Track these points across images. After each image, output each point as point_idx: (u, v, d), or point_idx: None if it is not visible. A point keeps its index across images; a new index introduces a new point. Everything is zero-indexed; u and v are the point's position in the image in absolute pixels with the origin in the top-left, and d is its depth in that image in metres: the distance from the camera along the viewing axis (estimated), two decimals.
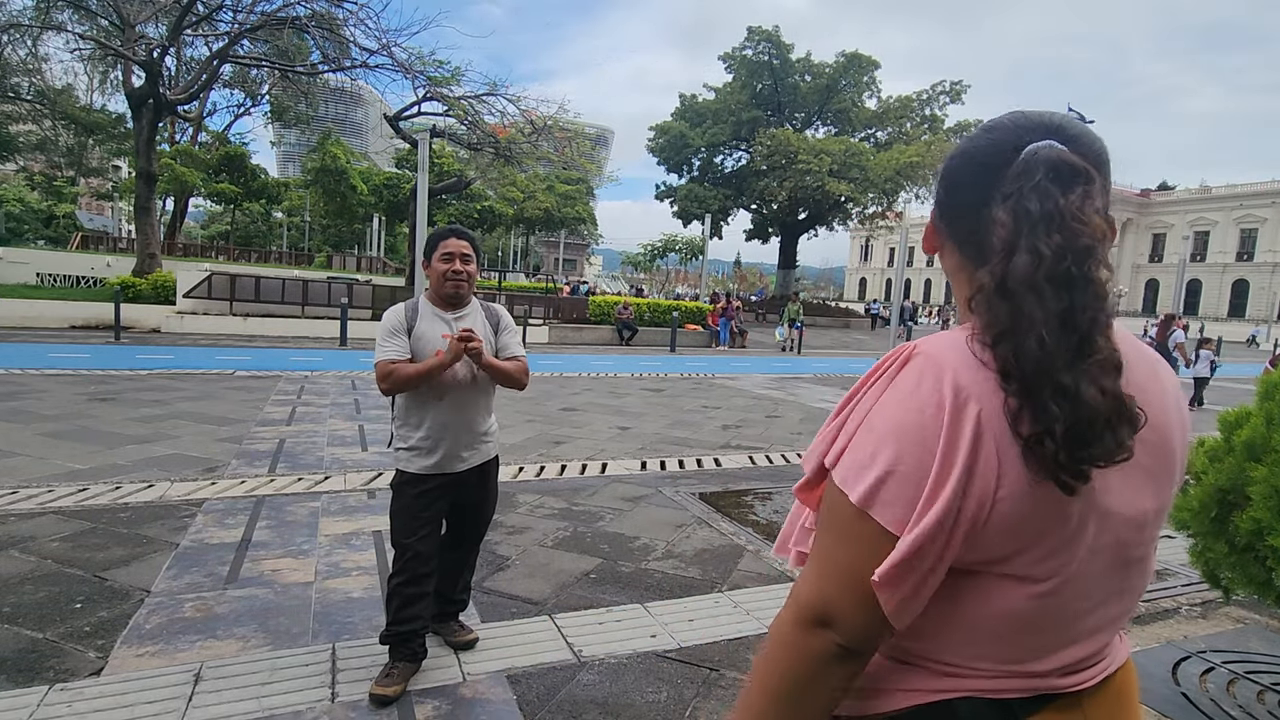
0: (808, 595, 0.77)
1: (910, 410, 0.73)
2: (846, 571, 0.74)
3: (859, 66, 37.82)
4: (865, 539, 0.73)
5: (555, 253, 74.62)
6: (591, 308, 21.46)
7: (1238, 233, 61.98)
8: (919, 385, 0.73)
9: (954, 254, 0.87)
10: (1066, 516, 0.74)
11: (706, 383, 12.62)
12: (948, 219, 0.87)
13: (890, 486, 0.72)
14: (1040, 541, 0.74)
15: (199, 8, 17.69)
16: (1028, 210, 0.73)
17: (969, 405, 0.71)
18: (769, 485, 5.78)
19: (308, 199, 48.39)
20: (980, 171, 0.80)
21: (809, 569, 0.79)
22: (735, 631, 3.18)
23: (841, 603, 0.74)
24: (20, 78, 26.36)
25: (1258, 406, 2.59)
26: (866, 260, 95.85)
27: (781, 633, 0.78)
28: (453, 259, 2.70)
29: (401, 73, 18.88)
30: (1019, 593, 0.75)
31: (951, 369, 0.73)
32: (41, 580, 3.35)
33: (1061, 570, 0.75)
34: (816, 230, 41.13)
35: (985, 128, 0.83)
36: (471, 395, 2.72)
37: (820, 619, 0.75)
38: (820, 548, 0.78)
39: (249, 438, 6.47)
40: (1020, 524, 0.73)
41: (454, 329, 2.66)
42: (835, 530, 0.76)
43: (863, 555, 0.73)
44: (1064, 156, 0.75)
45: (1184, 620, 3.58)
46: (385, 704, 2.50)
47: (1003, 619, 0.76)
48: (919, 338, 0.80)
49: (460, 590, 2.97)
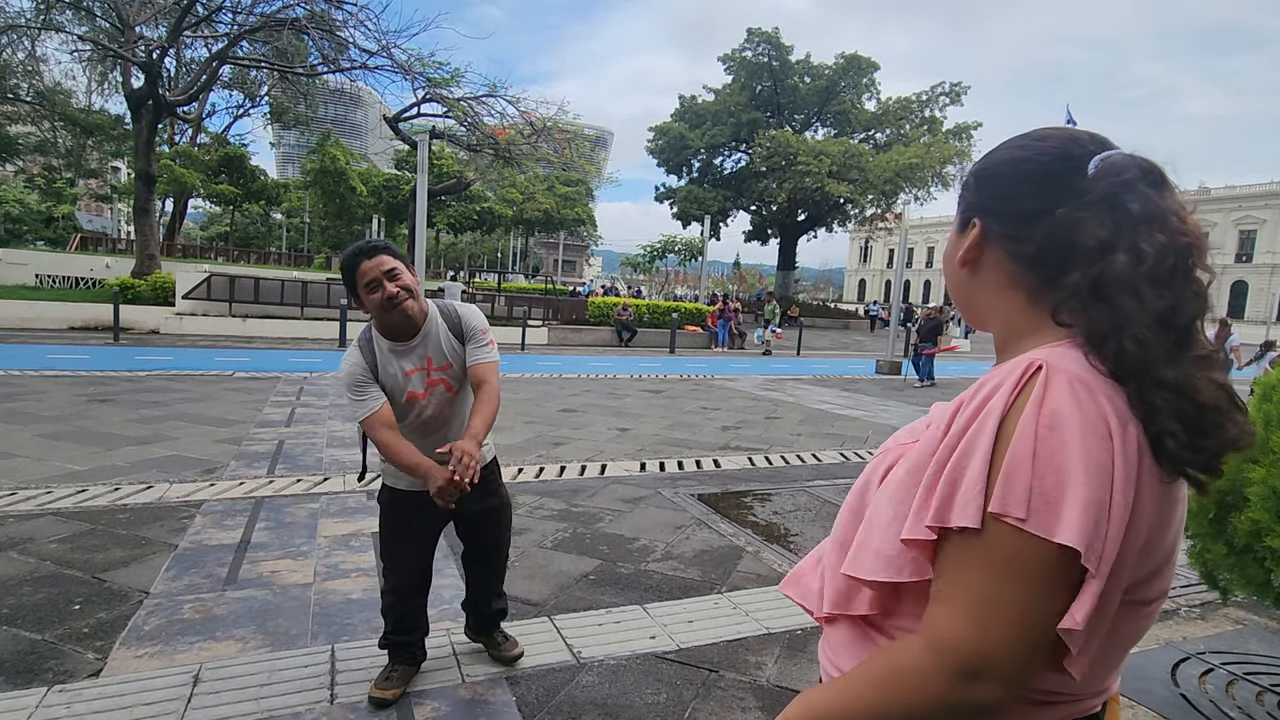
0: (962, 642, 0.69)
1: (1080, 434, 0.67)
2: (1020, 616, 0.68)
3: (858, 68, 37.88)
4: (1048, 579, 0.68)
5: (554, 254, 74.61)
6: (591, 309, 21.47)
7: (1236, 234, 62.04)
8: (1079, 406, 0.68)
9: (1004, 265, 0.83)
10: (1179, 535, 0.76)
11: (706, 384, 12.62)
12: (1006, 226, 0.83)
13: (1084, 521, 0.66)
14: (1165, 562, 0.75)
15: (198, 9, 17.71)
16: (1129, 211, 0.73)
17: (1129, 425, 0.68)
18: (768, 486, 5.78)
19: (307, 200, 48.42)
20: (1046, 178, 0.79)
21: (951, 610, 0.71)
22: (734, 633, 3.18)
23: (1007, 653, 0.68)
24: (20, 79, 26.34)
25: (1255, 408, 2.59)
26: (866, 262, 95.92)
27: (919, 681, 0.71)
28: (379, 285, 2.26)
29: (401, 74, 18.93)
30: (1138, 616, 0.77)
31: (1100, 388, 0.69)
32: (40, 582, 3.35)
33: (1166, 588, 0.78)
34: (816, 232, 41.20)
35: (1036, 137, 0.83)
36: (451, 416, 2.53)
37: (976, 671, 0.68)
38: (971, 587, 0.70)
39: (248, 439, 6.47)
40: (1162, 549, 0.74)
41: (421, 360, 2.37)
42: (1004, 571, 0.68)
43: (1040, 596, 0.68)
44: (1152, 163, 0.76)
45: (1183, 621, 3.58)
46: (384, 706, 2.49)
47: (1123, 643, 0.78)
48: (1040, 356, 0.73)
49: (495, 600, 2.84)
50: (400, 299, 2.28)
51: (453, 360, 2.44)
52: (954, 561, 0.72)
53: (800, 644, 3.12)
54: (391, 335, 2.37)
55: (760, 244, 43.01)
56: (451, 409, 2.50)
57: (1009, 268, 0.83)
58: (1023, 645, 0.68)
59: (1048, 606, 0.68)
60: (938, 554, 0.74)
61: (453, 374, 2.45)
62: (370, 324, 2.42)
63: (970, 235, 0.86)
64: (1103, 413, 0.68)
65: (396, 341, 2.37)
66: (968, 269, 0.88)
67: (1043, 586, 0.68)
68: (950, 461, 0.73)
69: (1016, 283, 0.83)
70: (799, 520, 4.93)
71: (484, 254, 78.65)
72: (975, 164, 0.90)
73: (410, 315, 2.33)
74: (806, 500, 5.42)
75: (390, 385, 2.36)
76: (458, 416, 2.54)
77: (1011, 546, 0.68)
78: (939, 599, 0.73)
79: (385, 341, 2.37)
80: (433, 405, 2.43)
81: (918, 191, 35.00)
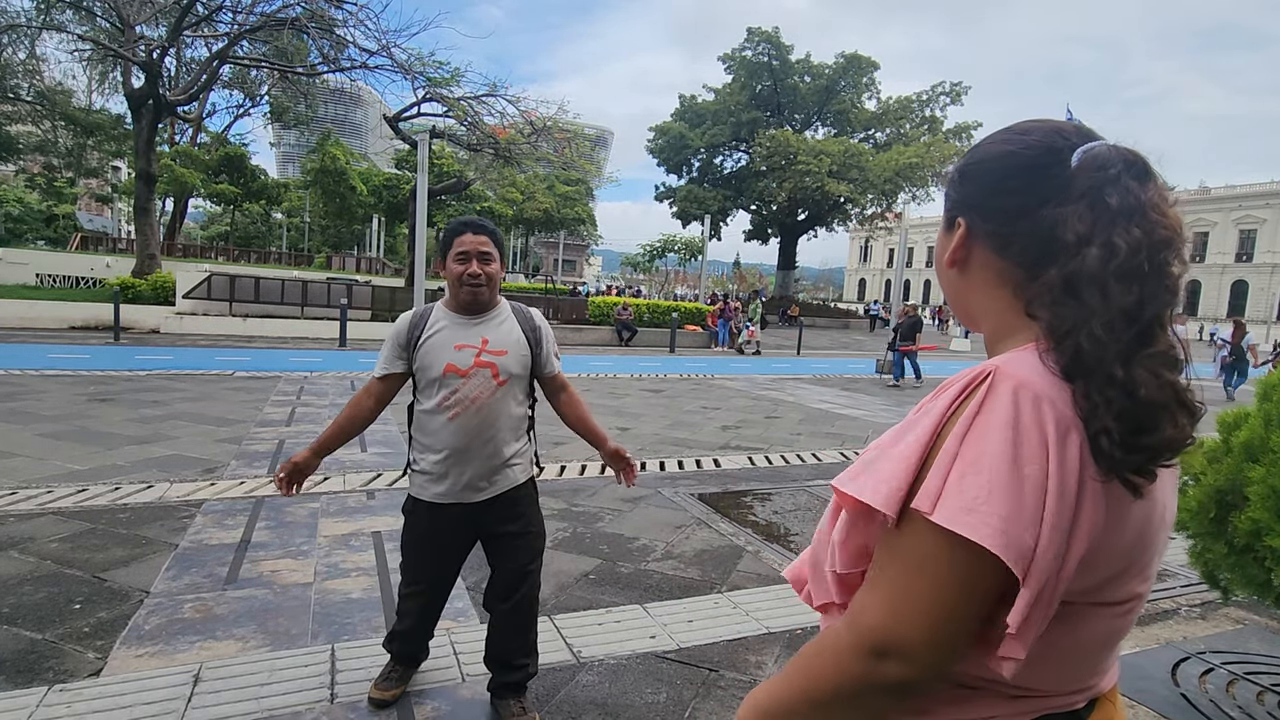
0: (874, 625, 0.72)
1: (1012, 444, 0.68)
2: (926, 607, 0.70)
3: (858, 68, 37.90)
4: (959, 579, 0.69)
5: (555, 253, 74.62)
6: (591, 308, 21.47)
7: (1237, 234, 62.01)
8: (1017, 416, 0.69)
9: (992, 262, 0.83)
10: (1144, 539, 0.75)
11: (706, 383, 12.62)
12: (991, 223, 0.82)
13: (1004, 528, 0.67)
14: (1129, 568, 0.76)
15: (199, 9, 17.72)
16: (1107, 204, 0.72)
17: (1071, 434, 0.68)
18: (768, 486, 5.78)
19: (307, 200, 48.42)
20: (1030, 172, 0.79)
21: (875, 598, 0.74)
22: (734, 632, 3.18)
23: (914, 639, 0.71)
24: (20, 79, 26.35)
25: (1256, 407, 2.59)
26: (866, 261, 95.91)
27: (838, 651, 0.75)
28: (468, 259, 2.31)
29: (401, 73, 18.93)
30: (1104, 617, 0.77)
31: (1046, 395, 0.69)
32: (41, 581, 3.35)
33: (1138, 592, 0.78)
34: (816, 231, 41.21)
35: (1019, 130, 0.82)
36: (492, 415, 2.33)
37: (882, 650, 0.72)
38: (891, 579, 0.73)
39: (248, 438, 6.47)
40: (1118, 552, 0.73)
41: (477, 339, 2.35)
42: (916, 565, 0.71)
43: (945, 592, 0.70)
44: (1136, 154, 0.75)
45: (1183, 621, 3.58)
46: (383, 707, 2.49)
47: (1087, 644, 0.78)
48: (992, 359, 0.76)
49: (520, 653, 2.48)
50: (477, 281, 2.32)
51: (510, 350, 2.37)
52: (882, 550, 0.76)
53: (800, 643, 3.12)
54: (457, 308, 2.39)
55: (760, 243, 43.03)
56: (493, 400, 2.33)
57: (997, 265, 0.82)
58: (933, 634, 0.70)
59: (962, 603, 0.70)
60: (877, 543, 0.78)
61: (505, 363, 2.35)
62: (441, 300, 2.48)
63: (956, 234, 0.85)
64: (1042, 424, 0.68)
65: (459, 315, 2.38)
66: (956, 268, 0.87)
67: (955, 584, 0.69)
68: (887, 449, 0.77)
69: (1005, 280, 0.82)
70: (799, 520, 4.93)
71: None
72: (959, 160, 0.89)
73: (479, 299, 2.36)
74: (806, 500, 5.42)
75: (431, 353, 2.34)
76: (502, 414, 2.36)
77: (926, 542, 0.70)
78: (866, 584, 0.77)
79: (450, 314, 2.39)
80: (473, 386, 2.31)
81: (917, 191, 35.00)
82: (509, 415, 2.38)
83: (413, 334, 2.37)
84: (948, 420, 0.73)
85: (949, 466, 0.70)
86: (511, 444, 2.40)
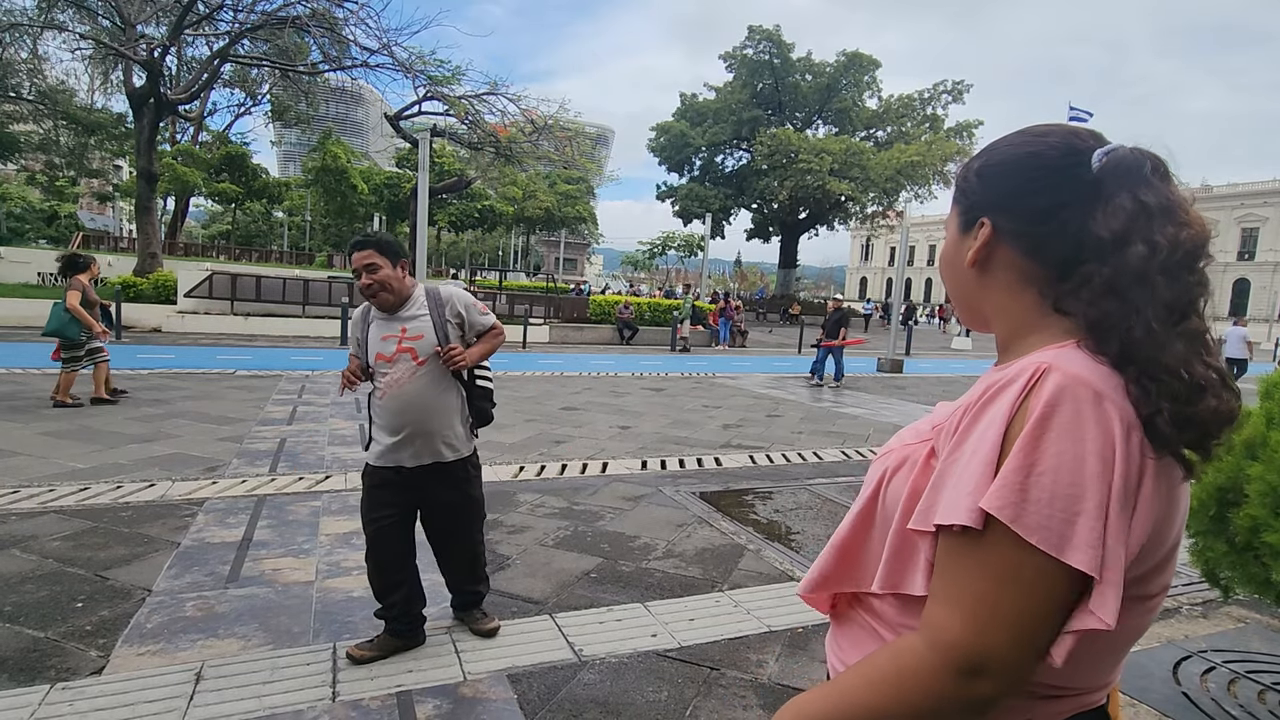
0: (961, 641, 0.71)
1: (1083, 447, 0.68)
2: (1017, 621, 0.70)
3: (860, 66, 37.84)
4: (1045, 587, 0.69)
5: (555, 252, 74.59)
6: (592, 307, 21.47)
7: (1239, 232, 61.86)
8: (1082, 418, 0.69)
9: (1017, 262, 0.83)
10: (1179, 530, 0.78)
11: (707, 382, 12.62)
12: (1018, 223, 0.83)
13: (1080, 530, 0.68)
14: (1166, 558, 0.78)
15: (199, 7, 17.70)
16: (1144, 204, 0.75)
17: (1133, 432, 0.70)
18: (770, 485, 5.78)
19: (308, 198, 48.42)
20: (1056, 172, 0.80)
21: (957, 614, 0.72)
22: (736, 631, 3.18)
23: (1006, 650, 0.70)
24: (22, 78, 26.35)
25: (1257, 405, 2.59)
26: (867, 260, 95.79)
27: (920, 673, 0.73)
28: (359, 274, 2.73)
29: (402, 72, 18.92)
30: (1139, 612, 0.78)
31: (1106, 393, 0.70)
32: (43, 579, 3.36)
33: (1166, 584, 0.80)
34: (817, 229, 41.18)
35: (1038, 133, 0.84)
36: (414, 394, 2.74)
37: (976, 668, 0.70)
38: (971, 589, 0.72)
39: (250, 437, 6.48)
40: (1166, 541, 0.76)
41: (397, 329, 2.76)
42: (1004, 576, 0.70)
43: (1038, 602, 0.69)
44: (1158, 156, 0.78)
45: (1184, 620, 3.58)
46: (354, 662, 2.73)
47: (1124, 638, 0.80)
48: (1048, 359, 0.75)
49: (471, 581, 3.06)
50: (371, 290, 2.72)
51: (425, 335, 2.76)
52: (953, 561, 0.74)
53: (801, 642, 3.12)
54: (376, 308, 2.82)
55: (762, 242, 43.02)
56: (414, 381, 2.74)
57: (1021, 265, 0.83)
58: (1022, 645, 0.70)
59: (1047, 610, 0.70)
60: (936, 552, 0.76)
61: (421, 347, 2.75)
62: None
63: (980, 234, 0.85)
64: (1108, 420, 0.69)
65: (379, 312, 2.81)
66: (977, 269, 0.87)
67: (1044, 594, 0.69)
68: (955, 462, 0.75)
69: (1029, 280, 0.83)
70: (800, 518, 4.93)
71: (485, 252, 78.68)
72: (974, 161, 0.88)
73: (382, 303, 2.76)
74: (808, 498, 5.42)
75: (368, 345, 2.81)
76: (429, 397, 2.76)
77: (1013, 554, 0.69)
78: (937, 597, 0.74)
79: (377, 312, 2.82)
80: (398, 371, 2.73)
81: (919, 189, 34.97)
82: (431, 393, 2.77)
83: (354, 331, 2.88)
84: (1010, 425, 0.72)
85: (1026, 474, 0.69)
86: (444, 425, 2.80)
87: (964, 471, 0.73)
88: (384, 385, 2.74)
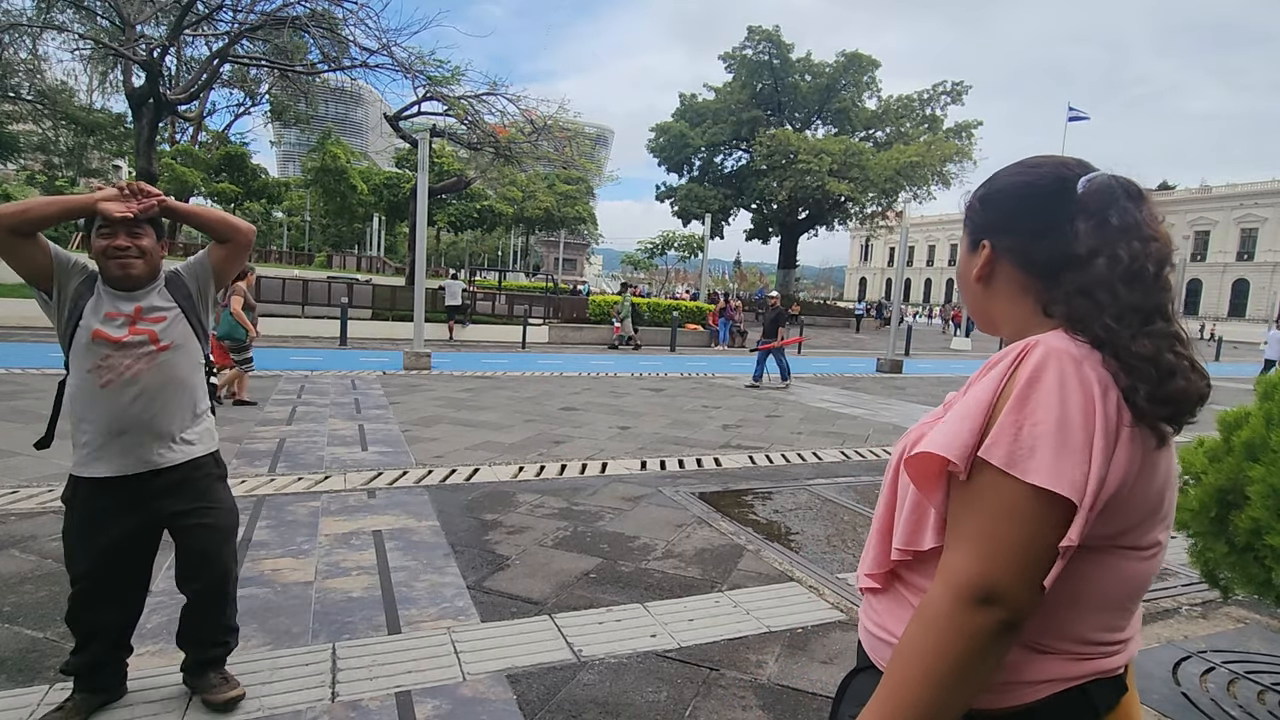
0: (970, 575, 0.81)
1: (1062, 399, 0.81)
2: (1013, 547, 0.81)
3: (859, 66, 37.82)
4: (1035, 517, 0.80)
5: (555, 252, 74.58)
6: (592, 308, 21.46)
7: (1238, 232, 61.93)
8: (1064, 376, 0.82)
9: (1015, 276, 0.97)
10: (1164, 492, 0.89)
11: (706, 382, 12.62)
12: (1014, 243, 0.97)
13: (1065, 467, 0.79)
14: (1152, 514, 0.88)
15: (199, 7, 17.70)
16: (1111, 224, 0.88)
17: (1110, 391, 0.83)
18: (769, 485, 5.78)
19: (308, 198, 48.49)
20: (1045, 198, 0.94)
21: (962, 552, 0.83)
22: (735, 631, 3.18)
23: (1009, 578, 0.80)
24: (21, 78, 26.36)
25: (1257, 406, 2.59)
26: (867, 260, 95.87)
27: (940, 616, 0.82)
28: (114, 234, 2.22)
29: (401, 72, 18.90)
30: (1132, 561, 0.89)
31: (1084, 359, 0.84)
32: (42, 580, 3.36)
33: (1160, 538, 0.91)
34: (816, 230, 41.16)
35: (1031, 164, 0.98)
36: (153, 390, 2.26)
37: (985, 597, 0.80)
38: (974, 529, 0.83)
39: (249, 437, 6.48)
40: (1147, 497, 0.86)
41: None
42: (998, 511, 0.82)
43: (1027, 530, 0.80)
44: (1132, 181, 0.91)
45: (1184, 620, 3.58)
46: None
47: (1121, 586, 0.89)
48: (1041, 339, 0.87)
49: (219, 633, 2.47)
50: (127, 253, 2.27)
51: (167, 309, 2.31)
52: (958, 508, 0.86)
53: (801, 642, 3.12)
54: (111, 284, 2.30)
55: (761, 242, 42.99)
56: (159, 374, 2.27)
57: (1019, 278, 0.97)
58: (1024, 571, 0.81)
59: (1040, 539, 0.80)
60: (949, 509, 0.88)
61: (165, 328, 2.29)
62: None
63: (982, 254, 1.00)
64: (1086, 381, 0.82)
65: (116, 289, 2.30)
66: (982, 283, 1.01)
67: (1037, 525, 0.80)
68: (952, 416, 0.88)
69: (1027, 290, 0.96)
70: (800, 519, 4.93)
71: (484, 252, 78.68)
72: (979, 189, 1.03)
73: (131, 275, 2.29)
74: (807, 499, 5.42)
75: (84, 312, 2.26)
76: (174, 392, 2.30)
77: (1003, 491, 0.82)
78: (950, 545, 0.86)
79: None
80: (132, 358, 2.24)
81: (918, 190, 34.94)
82: (176, 389, 2.33)
83: (79, 274, 2.35)
84: (1004, 385, 0.85)
85: (1012, 422, 0.82)
86: (182, 423, 2.35)
87: (957, 420, 0.87)
88: (115, 369, 2.26)
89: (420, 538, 4.14)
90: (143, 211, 2.24)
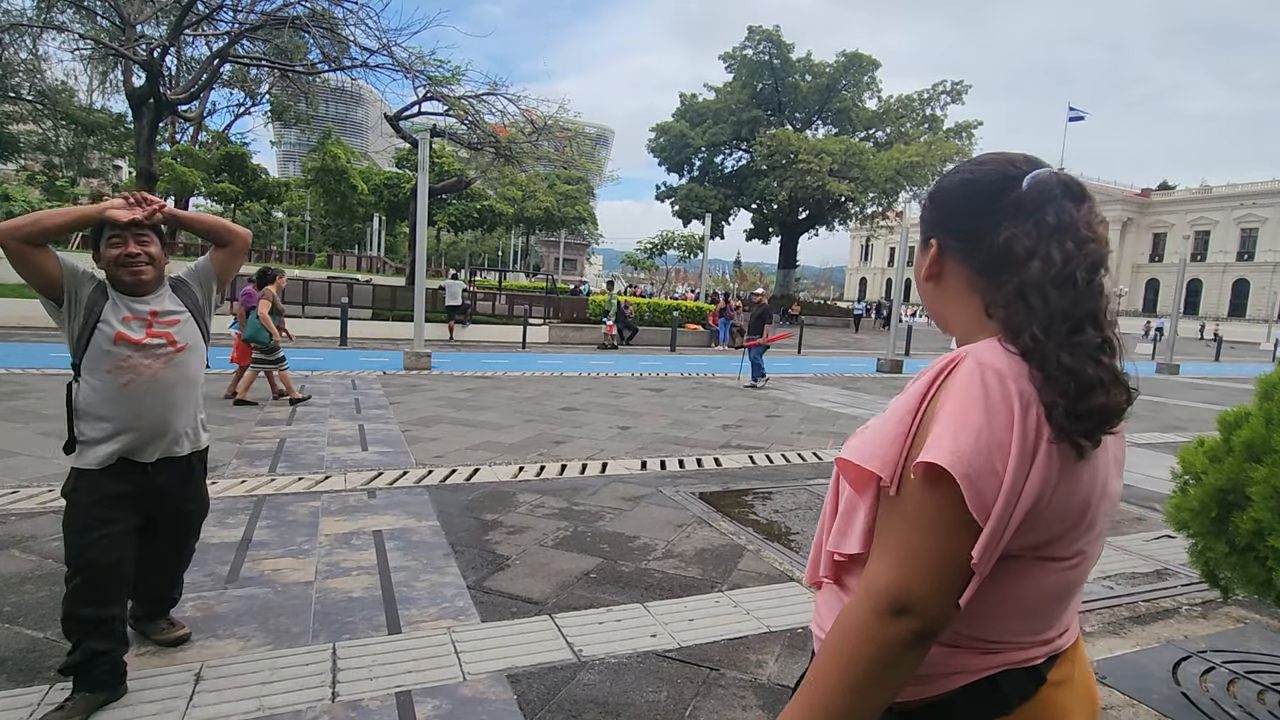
0: (887, 585, 0.82)
1: (986, 413, 0.81)
2: (930, 559, 0.81)
3: (859, 66, 37.82)
4: (948, 529, 0.81)
5: (555, 252, 74.58)
6: (592, 308, 21.46)
7: (1238, 232, 61.92)
8: (987, 391, 0.82)
9: (962, 274, 0.96)
10: (1088, 503, 0.87)
11: (706, 382, 12.62)
12: (958, 241, 0.96)
13: (977, 481, 0.79)
14: (1074, 526, 0.87)
15: (199, 7, 17.68)
16: (1046, 223, 0.87)
17: (1031, 407, 0.82)
18: (769, 485, 5.78)
19: (308, 199, 48.47)
20: (987, 197, 0.92)
21: (882, 562, 0.84)
22: (735, 631, 3.18)
23: (923, 589, 0.81)
24: (21, 78, 26.35)
25: (1257, 407, 2.59)
26: (867, 260, 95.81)
27: (858, 626, 0.83)
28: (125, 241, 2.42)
29: (402, 72, 18.87)
30: (1053, 571, 0.89)
31: (1009, 373, 0.83)
32: (42, 580, 3.36)
33: (1084, 549, 0.90)
34: (817, 230, 41.16)
35: (975, 162, 0.97)
36: (170, 388, 2.47)
37: (901, 608, 0.81)
38: (895, 540, 0.84)
39: (249, 437, 6.48)
40: (1067, 510, 0.85)
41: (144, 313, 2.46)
42: (916, 523, 0.82)
43: (944, 543, 0.81)
44: (1072, 178, 0.90)
45: (1184, 620, 3.58)
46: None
47: (1040, 595, 0.89)
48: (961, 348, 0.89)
49: (172, 587, 2.82)
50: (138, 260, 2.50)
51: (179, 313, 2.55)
52: (883, 520, 0.87)
53: (801, 642, 3.12)
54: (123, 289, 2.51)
55: (762, 242, 42.99)
56: (171, 375, 2.47)
57: (966, 276, 0.96)
58: (938, 582, 0.81)
59: (954, 549, 0.81)
60: (878, 516, 0.88)
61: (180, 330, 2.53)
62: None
63: (930, 252, 1.00)
64: (1008, 396, 0.81)
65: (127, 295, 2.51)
66: (932, 282, 1.01)
67: (950, 533, 0.81)
68: (879, 423, 0.90)
69: (974, 288, 0.95)
70: (800, 518, 4.93)
71: (485, 252, 78.68)
72: (930, 188, 1.02)
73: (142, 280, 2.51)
74: (807, 498, 5.42)
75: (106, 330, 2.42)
76: (183, 392, 2.52)
77: (922, 502, 0.82)
78: (873, 553, 0.87)
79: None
80: (152, 359, 2.43)
81: (919, 190, 34.91)
82: (184, 390, 2.57)
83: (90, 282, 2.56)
84: (930, 398, 0.85)
85: (934, 433, 0.82)
86: (185, 420, 2.57)
87: (881, 428, 0.88)
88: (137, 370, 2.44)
89: (420, 538, 4.14)
90: (147, 216, 2.42)
